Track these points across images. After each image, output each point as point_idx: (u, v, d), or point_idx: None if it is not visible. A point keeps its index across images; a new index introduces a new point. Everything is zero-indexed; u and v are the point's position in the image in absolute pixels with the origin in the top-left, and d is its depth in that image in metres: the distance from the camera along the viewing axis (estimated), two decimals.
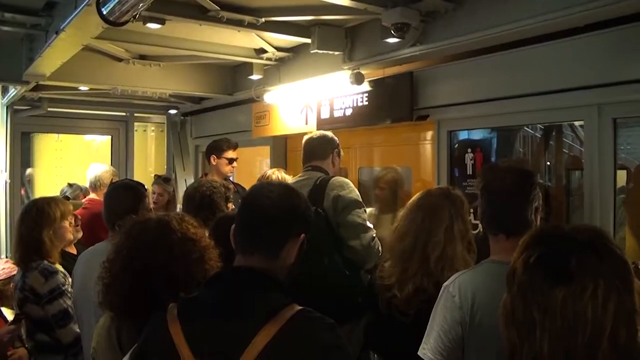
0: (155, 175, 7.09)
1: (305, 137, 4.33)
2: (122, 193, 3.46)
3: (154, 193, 6.47)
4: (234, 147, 5.94)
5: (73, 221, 4.10)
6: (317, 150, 4.27)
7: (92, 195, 6.14)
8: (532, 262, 1.47)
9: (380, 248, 3.85)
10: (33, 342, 3.68)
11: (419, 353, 2.44)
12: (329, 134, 4.33)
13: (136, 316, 2.15)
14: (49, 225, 3.78)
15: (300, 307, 1.82)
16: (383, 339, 3.16)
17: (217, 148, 5.81)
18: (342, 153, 4.40)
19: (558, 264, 1.45)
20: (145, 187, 3.69)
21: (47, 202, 3.92)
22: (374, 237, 3.89)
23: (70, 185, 6.96)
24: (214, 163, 5.75)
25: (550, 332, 1.40)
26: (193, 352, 1.71)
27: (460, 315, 2.41)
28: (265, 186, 2.12)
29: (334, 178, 4.00)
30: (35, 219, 3.77)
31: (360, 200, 3.94)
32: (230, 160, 5.86)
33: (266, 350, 1.69)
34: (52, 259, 3.78)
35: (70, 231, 4.01)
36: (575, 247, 1.47)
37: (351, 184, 4.00)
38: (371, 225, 3.94)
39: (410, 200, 3.20)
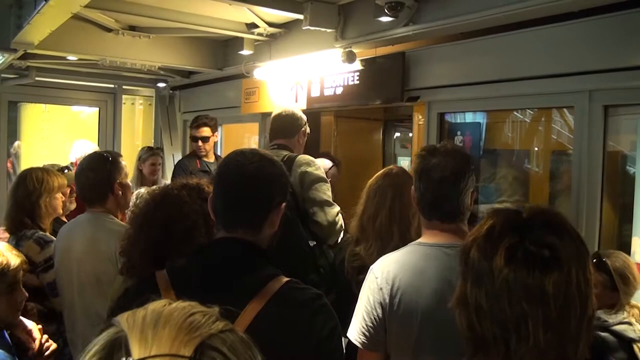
0: (147, 147, 7.06)
1: (273, 113, 4.33)
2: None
3: (153, 164, 6.58)
4: (198, 124, 5.97)
5: (68, 192, 4.16)
6: (285, 128, 4.31)
7: None
8: (511, 255, 1.45)
9: (343, 225, 3.96)
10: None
11: (347, 334, 2.50)
12: (298, 111, 4.36)
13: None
14: (47, 193, 3.82)
15: (287, 279, 1.87)
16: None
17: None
18: (308, 131, 4.48)
19: (538, 253, 1.45)
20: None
21: (46, 171, 3.98)
22: (339, 213, 3.97)
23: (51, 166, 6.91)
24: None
25: (544, 321, 1.40)
26: None
27: (381, 297, 2.46)
28: (241, 156, 2.01)
29: (300, 156, 4.08)
30: (34, 185, 3.80)
31: (325, 177, 4.06)
32: (195, 139, 5.87)
33: (256, 320, 1.73)
34: (44, 226, 3.81)
35: (60, 205, 4.00)
36: (542, 232, 1.48)
37: (317, 162, 4.12)
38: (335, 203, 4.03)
39: (372, 183, 3.37)
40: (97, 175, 3.37)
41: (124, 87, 9.29)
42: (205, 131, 6.19)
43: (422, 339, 2.39)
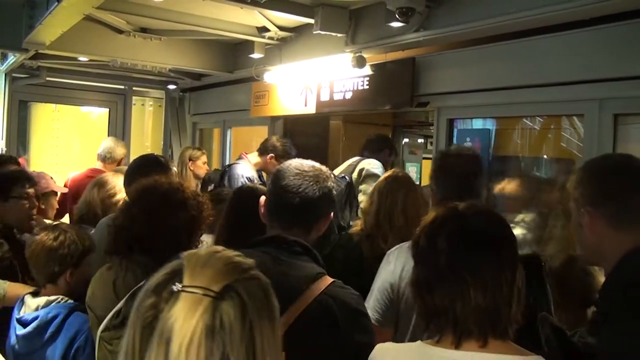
0: (193, 147, 7.17)
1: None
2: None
3: (205, 163, 6.80)
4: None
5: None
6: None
7: (97, 166, 6.13)
8: (452, 238, 1.80)
9: None
10: None
11: None
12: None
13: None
14: None
15: (332, 279, 2.17)
16: None
17: None
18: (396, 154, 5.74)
19: (472, 234, 1.80)
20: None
21: None
22: None
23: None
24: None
25: (482, 288, 1.72)
26: None
27: (393, 279, 2.84)
28: (298, 167, 2.33)
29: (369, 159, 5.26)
30: None
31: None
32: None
33: (309, 307, 2.04)
34: None
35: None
36: (474, 219, 1.84)
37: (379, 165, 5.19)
38: None
39: (381, 184, 3.70)
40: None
41: (134, 88, 9.32)
42: None
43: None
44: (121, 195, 4.03)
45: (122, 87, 9.20)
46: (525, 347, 1.76)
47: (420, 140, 9.77)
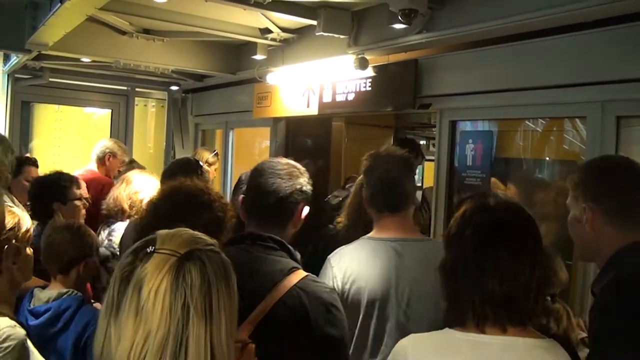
0: (211, 150, 7.18)
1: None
2: None
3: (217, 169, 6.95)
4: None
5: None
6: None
7: (92, 167, 6.14)
8: (479, 228, 1.95)
9: None
10: None
11: None
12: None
13: None
14: None
15: (305, 273, 2.31)
16: None
17: None
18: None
19: (497, 226, 1.94)
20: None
21: None
22: None
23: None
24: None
25: (500, 277, 1.86)
26: None
27: (335, 284, 2.85)
28: (272, 166, 2.49)
29: None
30: None
31: None
32: None
33: (281, 300, 2.18)
34: None
35: None
36: (502, 213, 1.99)
37: None
38: None
39: (358, 180, 3.69)
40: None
41: (136, 89, 9.34)
42: None
43: (366, 320, 2.85)
44: (146, 193, 4.18)
45: (125, 88, 9.22)
46: None
47: (422, 142, 9.76)
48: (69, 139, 9.25)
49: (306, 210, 2.53)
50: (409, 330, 2.63)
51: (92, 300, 3.29)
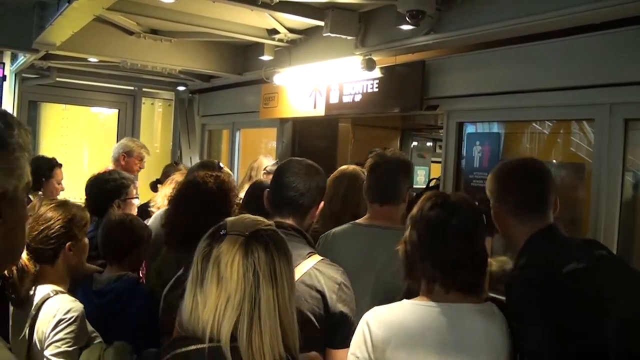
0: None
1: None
2: None
3: None
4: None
5: None
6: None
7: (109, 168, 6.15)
8: (433, 206, 2.40)
9: None
10: None
11: None
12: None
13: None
14: None
15: (321, 257, 2.69)
16: None
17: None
18: None
19: (448, 206, 2.39)
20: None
21: None
22: None
23: None
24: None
25: (450, 249, 2.31)
26: None
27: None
28: (293, 165, 2.87)
29: None
30: None
31: None
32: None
33: (302, 278, 2.52)
34: None
35: None
36: (457, 205, 2.41)
37: None
38: None
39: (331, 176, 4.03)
40: None
41: (143, 89, 9.35)
42: None
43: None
44: None
45: (132, 88, 9.24)
46: None
47: (429, 144, 9.75)
48: (75, 139, 9.27)
49: (321, 204, 2.90)
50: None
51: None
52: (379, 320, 2.31)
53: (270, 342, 1.70)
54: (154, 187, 5.90)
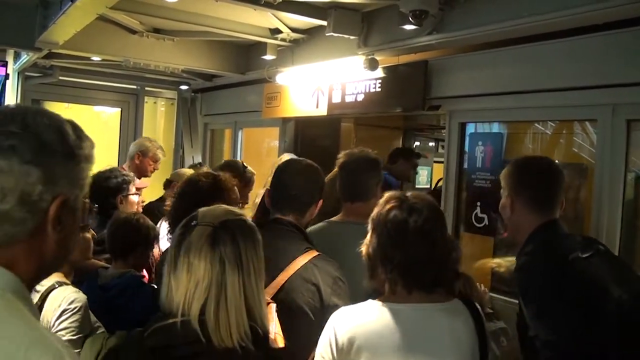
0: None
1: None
2: None
3: None
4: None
5: None
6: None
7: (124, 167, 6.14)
8: (393, 208, 2.39)
9: None
10: None
11: None
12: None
13: None
14: None
15: (317, 252, 2.79)
16: None
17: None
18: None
19: (407, 206, 2.39)
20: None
21: None
22: None
23: None
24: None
25: (409, 249, 2.32)
26: None
27: None
28: (293, 164, 3.09)
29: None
30: None
31: None
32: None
33: (299, 271, 2.67)
34: None
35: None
36: (418, 206, 2.40)
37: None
38: None
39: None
40: None
41: (146, 88, 9.34)
42: None
43: None
44: None
45: (135, 87, 9.22)
46: None
47: (431, 144, 9.74)
48: None
49: (320, 202, 3.03)
50: None
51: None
52: (344, 323, 2.34)
53: (237, 319, 1.88)
54: (167, 185, 5.90)
